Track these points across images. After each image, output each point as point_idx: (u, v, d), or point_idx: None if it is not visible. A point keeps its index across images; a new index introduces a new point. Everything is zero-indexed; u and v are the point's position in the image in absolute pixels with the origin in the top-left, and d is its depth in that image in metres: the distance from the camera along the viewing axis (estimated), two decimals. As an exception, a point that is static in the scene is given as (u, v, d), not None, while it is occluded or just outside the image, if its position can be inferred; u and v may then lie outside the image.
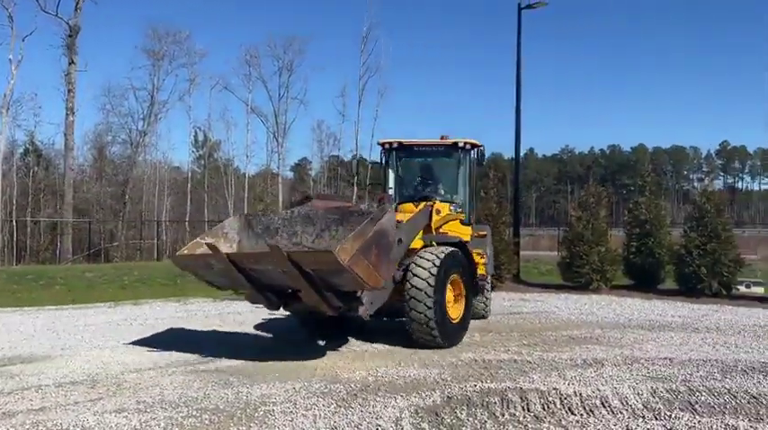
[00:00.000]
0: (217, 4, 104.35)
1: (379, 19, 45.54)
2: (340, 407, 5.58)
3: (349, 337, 9.00)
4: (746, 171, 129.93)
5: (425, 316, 7.88)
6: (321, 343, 8.71)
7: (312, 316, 8.61)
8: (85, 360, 7.69)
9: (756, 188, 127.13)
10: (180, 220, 40.15)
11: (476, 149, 10.44)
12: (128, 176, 37.11)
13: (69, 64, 29.73)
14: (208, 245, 7.35)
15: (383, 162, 10.58)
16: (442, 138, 10.36)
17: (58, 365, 7.39)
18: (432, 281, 7.84)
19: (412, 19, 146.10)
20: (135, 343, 8.88)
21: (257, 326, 10.37)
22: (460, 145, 10.21)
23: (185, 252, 7.89)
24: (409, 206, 9.44)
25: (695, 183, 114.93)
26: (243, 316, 11.66)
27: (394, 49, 65.37)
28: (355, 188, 39.47)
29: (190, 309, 12.75)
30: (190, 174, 44.48)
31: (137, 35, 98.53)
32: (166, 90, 40.32)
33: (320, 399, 5.80)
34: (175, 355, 7.94)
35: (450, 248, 8.57)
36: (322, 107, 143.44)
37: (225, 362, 7.50)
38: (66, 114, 30.01)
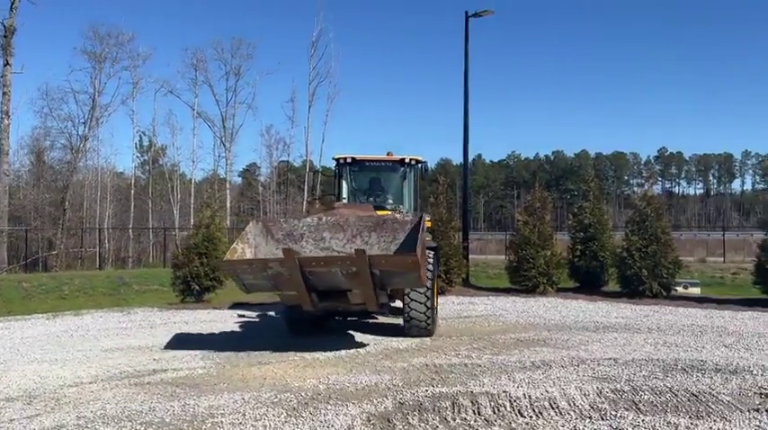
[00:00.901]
0: (161, 7, 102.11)
1: (328, 24, 45.32)
2: (290, 416, 5.49)
3: (298, 344, 8.89)
4: (683, 176, 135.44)
5: (425, 315, 9.21)
6: (272, 352, 8.58)
7: (303, 317, 9.20)
8: (21, 374, 7.34)
9: (692, 193, 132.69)
10: (123, 228, 39.01)
11: (420, 164, 11.72)
12: (68, 182, 35.75)
13: (4, 65, 28.47)
14: (284, 250, 7.67)
15: (337, 175, 11.63)
16: (388, 154, 11.57)
17: (-8, 381, 7.03)
18: (430, 284, 8.99)
19: (362, 24, 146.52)
20: (75, 355, 8.54)
21: (204, 336, 10.13)
22: (406, 161, 11.49)
23: (232, 257, 8.24)
24: None
25: (635, 188, 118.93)
26: (189, 325, 11.39)
27: (344, 55, 65.45)
28: (305, 196, 39.21)
29: (134, 319, 12.35)
30: (133, 180, 43.29)
31: (77, 37, 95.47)
32: (108, 93, 39.28)
33: (270, 409, 5.69)
34: (118, 367, 7.67)
35: (431, 253, 9.43)
36: (271, 112, 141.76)
37: (170, 374, 7.29)
38: (1, 117, 28.74)
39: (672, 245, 15.88)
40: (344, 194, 11.52)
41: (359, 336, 9.79)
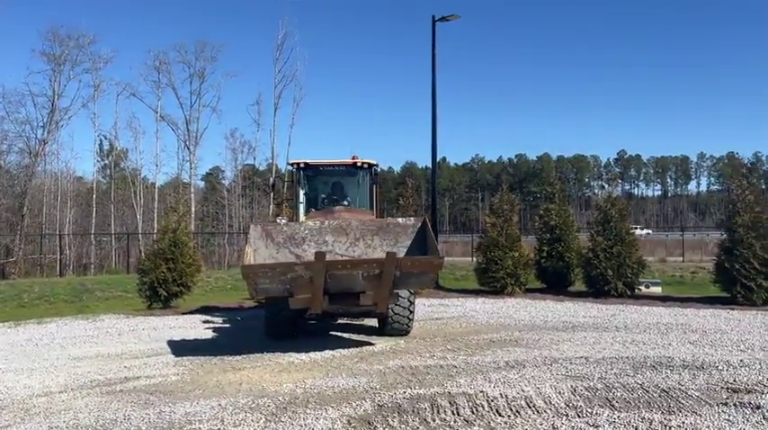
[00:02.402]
0: (123, 9, 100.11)
1: (293, 27, 45.08)
2: (270, 421, 5.46)
3: (272, 348, 8.82)
4: (641, 178, 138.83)
5: (407, 318, 9.73)
6: (250, 353, 8.49)
7: (282, 318, 9.49)
8: (-14, 385, 7.12)
9: (650, 194, 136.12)
10: (84, 233, 38.06)
11: (372, 168, 11.67)
12: (26, 187, 34.65)
13: (-43, 67, 27.55)
14: (317, 253, 7.63)
15: (293, 180, 11.74)
16: (353, 158, 11.53)
17: (-45, 393, 6.80)
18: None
19: (329, 27, 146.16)
20: (42, 365, 8.32)
21: (174, 342, 9.96)
22: (359, 164, 11.51)
23: (253, 261, 8.26)
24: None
25: (596, 190, 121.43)
26: (158, 331, 11.20)
27: (310, 58, 65.17)
28: (271, 204, 38.91)
29: (101, 327, 12.08)
30: (95, 185, 42.28)
31: (35, 38, 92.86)
32: (69, 96, 38.23)
33: (248, 415, 5.64)
34: (88, 376, 7.51)
35: None
36: (236, 115, 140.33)
37: (143, 381, 7.16)
38: (-46, 121, 27.78)
39: (635, 245, 16.27)
40: (301, 200, 11.52)
41: (332, 339, 9.79)
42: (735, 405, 5.60)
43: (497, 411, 5.61)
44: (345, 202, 11.51)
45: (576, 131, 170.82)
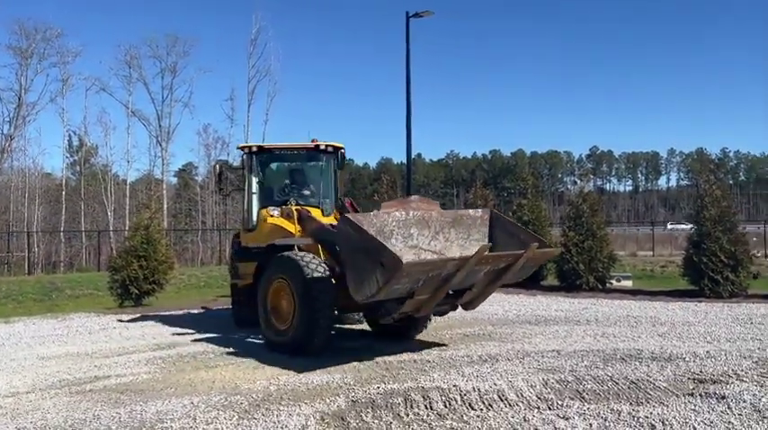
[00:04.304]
0: (92, 1, 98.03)
1: (267, 22, 44.72)
2: (243, 419, 5.43)
3: (246, 346, 8.78)
4: (613, 174, 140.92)
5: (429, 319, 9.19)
6: (229, 350, 8.44)
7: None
8: (-49, 387, 6.96)
9: (622, 189, 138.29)
10: (53, 231, 37.37)
11: (338, 152, 10.67)
12: (-8, 184, 34.01)
13: None
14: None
15: (244, 167, 10.58)
16: (313, 141, 10.50)
17: None
18: None
19: (304, 23, 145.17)
20: (8, 365, 8.16)
21: (146, 340, 9.84)
22: (322, 147, 10.42)
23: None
24: (267, 211, 9.97)
25: (569, 186, 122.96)
26: (130, 330, 11.05)
27: (285, 54, 64.76)
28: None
29: (71, 326, 11.87)
30: (64, 181, 41.57)
31: (1, 32, 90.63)
32: (36, 91, 37.68)
33: (221, 412, 5.60)
34: (57, 375, 7.38)
35: None
36: (209, 110, 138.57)
37: (113, 380, 7.06)
38: None
39: (607, 240, 16.51)
40: (254, 190, 10.38)
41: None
42: (701, 395, 5.73)
43: (470, 405, 5.66)
44: (306, 192, 10.54)
45: (549, 128, 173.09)
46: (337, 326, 10.53)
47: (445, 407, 5.63)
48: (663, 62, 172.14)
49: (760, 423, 4.93)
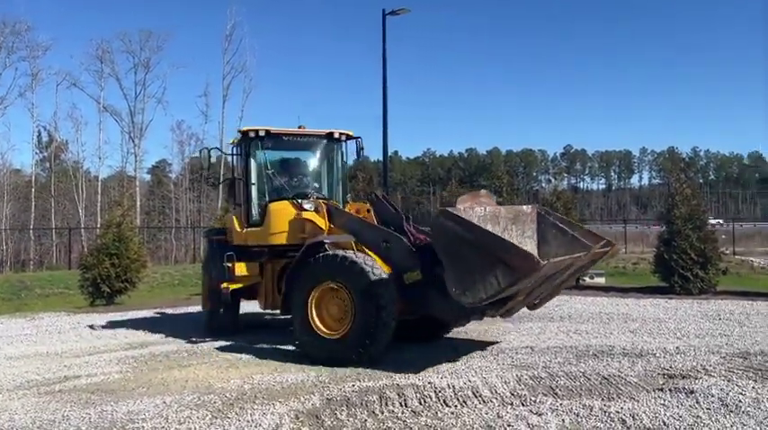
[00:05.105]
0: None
1: (243, 17, 44.36)
2: (216, 418, 5.38)
3: (220, 345, 8.70)
4: (587, 172, 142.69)
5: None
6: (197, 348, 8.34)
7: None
8: None
9: (595, 187, 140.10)
10: (23, 228, 36.61)
11: (355, 141, 9.94)
12: (-42, 181, 33.20)
13: None
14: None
15: (245, 153, 9.44)
16: (300, 128, 9.78)
17: None
18: None
19: (280, 18, 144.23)
20: (-25, 365, 7.97)
21: (118, 339, 9.70)
22: (336, 136, 9.67)
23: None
24: (282, 205, 8.97)
25: (543, 184, 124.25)
26: (101, 329, 10.89)
27: (260, 50, 64.25)
28: (220, 194, 38.15)
29: (40, 325, 11.64)
30: (34, 178, 40.71)
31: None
32: (4, 85, 36.83)
33: (194, 412, 5.54)
34: (25, 376, 7.23)
35: None
36: (183, 107, 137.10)
37: (84, 380, 6.95)
38: None
39: (580, 237, 16.66)
40: (253, 179, 9.38)
41: (282, 334, 9.69)
42: (670, 390, 5.83)
43: (445, 402, 5.69)
44: (316, 184, 9.77)
45: (524, 126, 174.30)
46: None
47: (420, 404, 5.65)
48: (635, 62, 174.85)
49: (727, 416, 5.04)
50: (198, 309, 13.40)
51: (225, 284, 9.01)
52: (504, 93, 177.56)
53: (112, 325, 11.35)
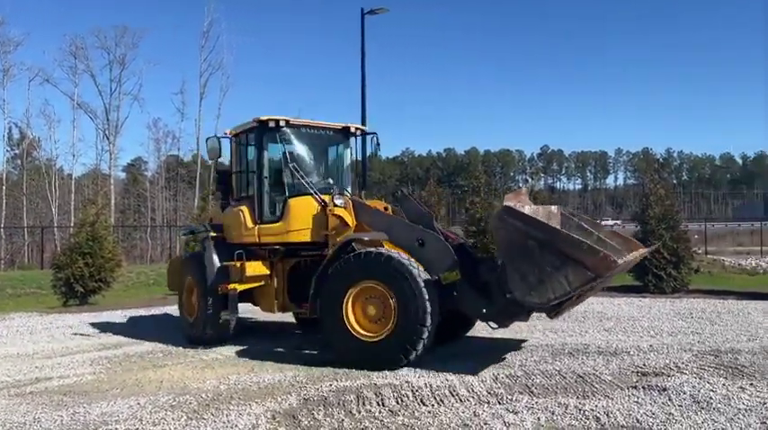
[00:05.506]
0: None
1: (220, 14, 43.89)
2: (191, 419, 5.32)
3: (196, 345, 8.61)
4: (563, 172, 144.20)
5: None
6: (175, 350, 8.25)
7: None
8: None
9: (571, 187, 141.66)
10: (-7, 227, 35.87)
11: (371, 137, 9.57)
12: (-74, 178, 32.41)
13: None
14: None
15: (259, 144, 8.69)
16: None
17: None
18: None
19: (259, 17, 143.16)
20: (-57, 367, 7.79)
21: (91, 340, 9.56)
22: (351, 130, 9.29)
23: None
24: (305, 200, 8.34)
25: (520, 184, 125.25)
26: (74, 329, 10.72)
27: (238, 47, 63.81)
28: (196, 192, 37.80)
29: (11, 326, 11.41)
30: (4, 176, 39.90)
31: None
32: (-27, 81, 35.91)
33: (169, 413, 5.48)
34: (-5, 378, 7.09)
35: None
36: (159, 104, 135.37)
37: (56, 382, 6.83)
38: None
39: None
40: (265, 173, 8.59)
41: (259, 334, 9.65)
42: (644, 388, 5.92)
43: (422, 401, 5.70)
44: (330, 179, 9.14)
45: (502, 127, 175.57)
46: (289, 322, 10.47)
47: (397, 403, 5.65)
48: (611, 63, 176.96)
49: (698, 413, 5.12)
50: (173, 308, 13.29)
51: (232, 285, 8.29)
52: (482, 92, 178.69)
53: (86, 325, 11.18)
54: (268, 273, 8.51)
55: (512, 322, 7.28)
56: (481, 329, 9.59)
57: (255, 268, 8.37)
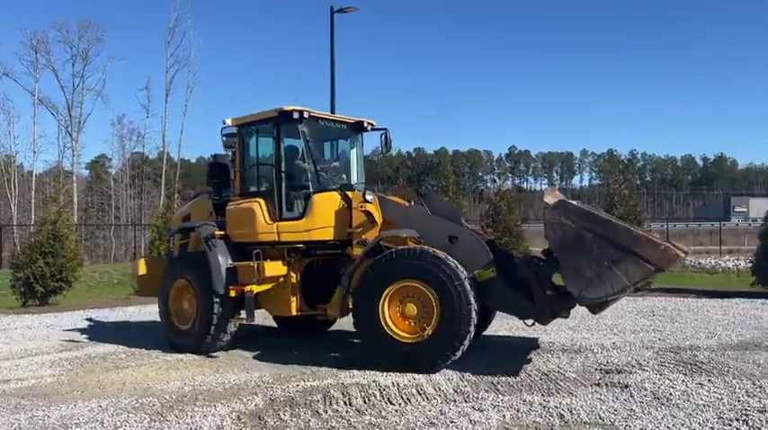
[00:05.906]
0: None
1: (187, 10, 43.10)
2: (154, 421, 5.23)
3: (160, 345, 8.46)
4: (530, 173, 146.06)
5: None
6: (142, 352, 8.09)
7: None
8: None
9: (538, 188, 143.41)
10: (-51, 225, 34.72)
11: (381, 133, 9.12)
12: None
13: None
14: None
15: (277, 136, 8.08)
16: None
17: None
18: None
19: (227, 14, 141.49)
20: None
21: (51, 341, 9.32)
22: (364, 124, 8.93)
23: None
24: (329, 196, 7.91)
25: (489, 184, 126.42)
26: (33, 330, 10.45)
27: (206, 44, 62.94)
28: (162, 191, 37.11)
29: (-34, 327, 11.08)
30: (-38, 172, 38.67)
31: None
32: (-71, 75, 34.74)
33: (131, 415, 5.38)
34: (-51, 381, 6.86)
35: None
36: (124, 101, 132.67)
37: (13, 385, 6.65)
38: None
39: (523, 236, 17.10)
40: (284, 167, 8.02)
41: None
42: (606, 385, 6.02)
43: (389, 400, 5.71)
44: (344, 175, 8.83)
45: (471, 127, 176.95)
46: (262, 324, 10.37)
47: (364, 402, 5.65)
48: (577, 65, 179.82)
49: (659, 409, 5.23)
50: (137, 308, 13.06)
51: (249, 287, 7.72)
52: (451, 93, 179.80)
53: (46, 326, 10.92)
54: (285, 272, 8.01)
55: (553, 320, 7.03)
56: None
57: (275, 268, 7.84)
